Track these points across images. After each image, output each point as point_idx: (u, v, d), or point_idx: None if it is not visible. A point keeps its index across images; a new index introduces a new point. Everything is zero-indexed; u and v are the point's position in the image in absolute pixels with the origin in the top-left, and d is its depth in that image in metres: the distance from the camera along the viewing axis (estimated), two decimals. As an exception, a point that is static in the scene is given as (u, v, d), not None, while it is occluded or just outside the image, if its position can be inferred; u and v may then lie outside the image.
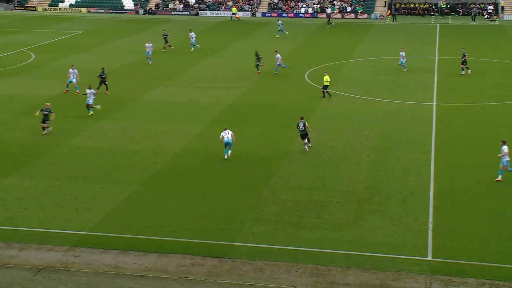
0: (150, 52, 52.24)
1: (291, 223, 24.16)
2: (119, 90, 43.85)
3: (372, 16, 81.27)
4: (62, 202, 25.95)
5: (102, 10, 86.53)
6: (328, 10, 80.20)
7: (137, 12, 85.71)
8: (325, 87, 41.32)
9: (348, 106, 39.89)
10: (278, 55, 48.25)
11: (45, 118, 34.48)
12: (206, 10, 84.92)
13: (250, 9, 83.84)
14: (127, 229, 23.55)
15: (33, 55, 56.56)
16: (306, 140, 31.60)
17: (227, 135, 30.63)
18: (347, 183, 27.87)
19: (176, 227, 23.71)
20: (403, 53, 49.14)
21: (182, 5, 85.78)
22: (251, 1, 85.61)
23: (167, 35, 57.91)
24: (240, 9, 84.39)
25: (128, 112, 38.67)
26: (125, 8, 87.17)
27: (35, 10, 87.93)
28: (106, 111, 38.63)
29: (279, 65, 47.97)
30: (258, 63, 48.25)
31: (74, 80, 43.15)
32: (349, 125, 36.01)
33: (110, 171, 29.25)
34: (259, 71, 48.31)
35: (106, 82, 42.59)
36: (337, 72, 49.14)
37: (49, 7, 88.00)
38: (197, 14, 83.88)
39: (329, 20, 75.33)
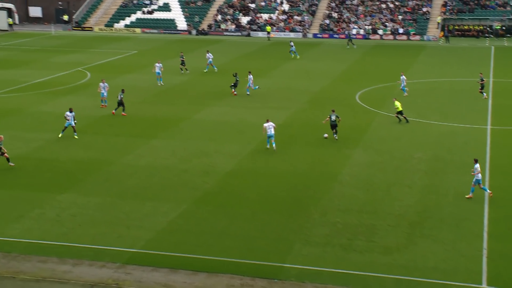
0: (160, 73, 52.60)
1: (341, 245, 23.97)
2: (171, 110, 44.48)
3: (425, 37, 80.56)
4: (114, 219, 26.38)
5: (156, 31, 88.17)
6: (353, 31, 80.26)
7: (189, 33, 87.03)
8: (400, 113, 40.26)
9: (399, 128, 39.51)
10: (250, 76, 48.82)
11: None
12: (258, 31, 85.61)
13: (301, 30, 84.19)
14: (177, 248, 23.76)
15: (88, 74, 57.92)
16: (335, 130, 36.16)
17: (270, 128, 33.97)
18: (398, 206, 27.53)
19: (225, 247, 23.80)
20: (404, 77, 48.41)
21: (234, 26, 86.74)
22: (302, 22, 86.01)
23: (183, 58, 58.12)
24: (292, 30, 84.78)
25: (179, 131, 39.16)
26: (178, 28, 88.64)
27: (91, 30, 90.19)
28: (157, 130, 39.21)
29: (249, 86, 48.43)
30: (234, 83, 48.55)
31: (105, 93, 44.52)
32: (401, 147, 35.64)
33: (161, 189, 29.60)
34: (235, 92, 48.49)
35: (123, 104, 42.43)
36: (389, 94, 48.78)
37: (105, 28, 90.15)
38: (248, 35, 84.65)
39: (350, 41, 74.80)
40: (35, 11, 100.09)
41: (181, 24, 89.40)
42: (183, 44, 77.71)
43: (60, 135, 37.78)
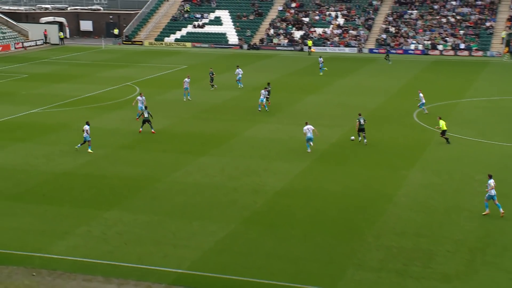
0: (188, 88, 53.07)
1: (396, 271, 23.55)
2: (221, 126, 44.78)
3: (488, 53, 79.14)
4: (160, 238, 26.57)
5: (206, 45, 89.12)
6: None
7: (241, 47, 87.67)
8: (443, 132, 39.80)
9: (460, 149, 38.79)
10: (239, 69, 55.71)
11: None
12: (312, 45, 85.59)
13: (356, 45, 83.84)
14: (225, 269, 23.74)
15: (137, 89, 58.83)
16: (364, 135, 39.10)
17: (310, 131, 37.52)
18: (458, 231, 26.94)
19: (274, 269, 23.67)
20: (421, 94, 47.56)
21: (286, 40, 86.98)
22: (357, 37, 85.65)
23: (213, 74, 58.23)
24: (347, 45, 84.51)
25: (228, 148, 39.34)
26: (229, 42, 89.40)
27: (141, 44, 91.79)
28: (206, 147, 39.50)
29: (238, 79, 54.16)
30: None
31: (142, 107, 45.63)
32: (461, 169, 34.95)
33: (209, 208, 29.72)
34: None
35: (150, 122, 42.75)
36: (449, 112, 48.02)
37: (155, 42, 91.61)
38: (301, 50, 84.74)
39: (388, 56, 74.46)
40: (86, 25, 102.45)
41: (233, 38, 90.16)
42: (234, 59, 78.30)
43: (77, 147, 38.75)
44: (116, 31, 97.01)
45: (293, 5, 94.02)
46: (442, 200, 30.41)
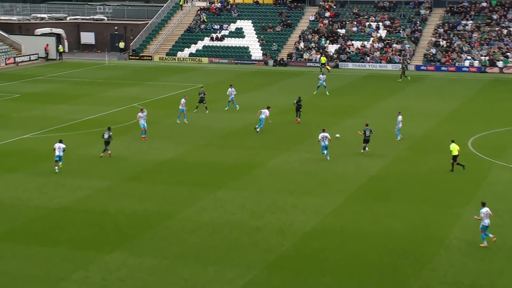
0: (184, 109, 53.99)
1: (447, 328, 23.31)
2: (242, 155, 44.89)
3: (556, 70, 78.70)
4: (170, 286, 26.57)
5: (226, 61, 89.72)
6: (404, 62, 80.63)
7: (266, 63, 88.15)
8: (454, 158, 40.28)
9: (523, 183, 38.49)
10: (232, 89, 58.84)
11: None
12: (347, 61, 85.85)
13: (401, 61, 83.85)
14: (245, 323, 23.67)
15: (146, 110, 59.29)
16: (366, 144, 43.78)
17: (325, 140, 42.72)
18: (521, 281, 26.63)
19: (303, 324, 23.54)
20: (400, 117, 48.26)
21: (319, 56, 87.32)
22: (402, 52, 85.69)
23: (204, 94, 58.29)
24: (389, 61, 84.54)
25: (250, 180, 39.39)
26: (253, 58, 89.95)
27: (151, 59, 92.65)
28: (225, 179, 39.58)
29: (231, 100, 57.87)
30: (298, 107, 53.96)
31: (145, 124, 48.19)
32: (525, 206, 34.63)
33: (227, 250, 29.71)
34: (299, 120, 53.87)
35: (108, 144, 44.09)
36: (509, 140, 47.67)
37: (167, 57, 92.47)
38: (336, 66, 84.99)
39: (403, 73, 74.98)
40: (88, 38, 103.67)
41: (256, 52, 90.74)
42: (258, 76, 78.67)
43: (56, 170, 41.11)
44: (121, 45, 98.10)
45: (327, 14, 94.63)
46: (503, 244, 30.09)
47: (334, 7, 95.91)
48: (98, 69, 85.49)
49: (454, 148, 40.34)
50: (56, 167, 41.22)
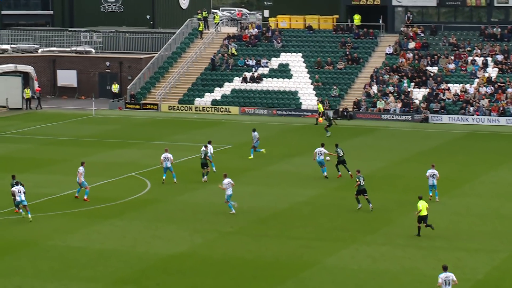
0: (172, 167, 58.42)
1: None
2: (286, 248, 44.65)
3: None
4: None
5: (265, 111, 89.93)
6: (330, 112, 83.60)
7: (322, 114, 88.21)
8: (423, 219, 45.55)
9: None
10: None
11: None
12: (441, 113, 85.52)
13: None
14: None
15: (148, 183, 59.54)
16: (367, 196, 50.57)
17: (320, 154, 58.08)
18: None
19: None
20: (433, 170, 53.18)
21: (399, 104, 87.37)
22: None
23: (208, 154, 60.29)
24: (502, 113, 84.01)
25: (299, 286, 39.18)
26: (303, 107, 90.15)
27: (156, 109, 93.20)
28: (262, 282, 39.32)
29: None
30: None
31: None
32: None
33: None
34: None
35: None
36: None
37: (179, 105, 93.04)
38: (425, 120, 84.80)
39: (328, 124, 78.15)
40: (67, 78, 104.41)
41: (309, 100, 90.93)
42: (309, 134, 78.59)
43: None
44: (115, 88, 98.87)
45: (412, 45, 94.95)
46: None
47: (422, 34, 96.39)
48: (81, 123, 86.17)
49: (423, 206, 45.30)
50: (22, 212, 43.97)
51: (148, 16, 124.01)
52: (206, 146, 60.68)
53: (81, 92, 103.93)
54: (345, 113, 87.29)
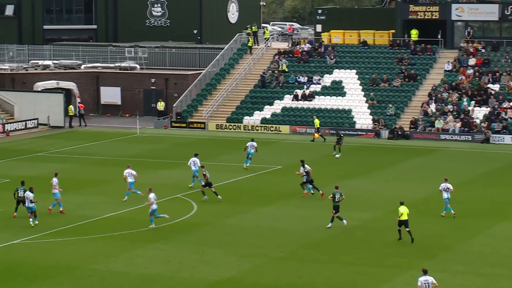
0: (133, 185, 60.43)
1: None
2: (338, 275, 44.53)
3: None
4: None
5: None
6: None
7: (377, 135, 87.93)
8: (402, 223, 49.63)
9: None
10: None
11: None
12: (504, 133, 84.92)
13: None
14: None
15: (194, 205, 59.73)
16: (338, 214, 52.30)
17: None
18: None
19: None
20: (447, 184, 55.54)
21: (459, 124, 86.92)
22: None
23: (206, 173, 60.42)
24: None
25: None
26: (357, 127, 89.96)
27: (203, 128, 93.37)
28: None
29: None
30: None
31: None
32: None
33: None
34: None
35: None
36: None
37: (227, 124, 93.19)
38: (486, 140, 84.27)
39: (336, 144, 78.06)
40: (111, 95, 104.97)
41: (363, 118, 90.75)
42: (364, 155, 78.48)
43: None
44: (160, 106, 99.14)
45: (472, 61, 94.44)
46: None
47: (483, 50, 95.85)
48: (125, 142, 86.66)
49: (405, 212, 49.33)
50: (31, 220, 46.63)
51: (195, 31, 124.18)
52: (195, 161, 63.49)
53: (125, 110, 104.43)
54: (402, 133, 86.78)
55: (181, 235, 51.94)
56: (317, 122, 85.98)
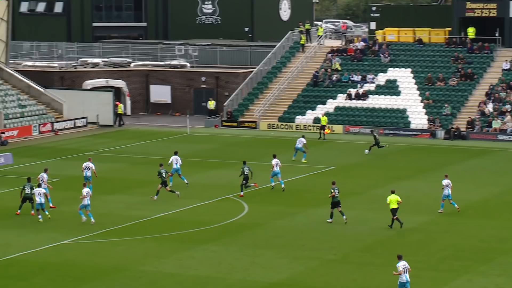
0: (90, 175, 62.30)
1: None
2: (395, 278, 44.35)
3: None
4: None
5: (370, 130, 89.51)
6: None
7: (433, 135, 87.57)
8: (392, 211, 52.14)
9: None
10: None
11: None
12: None
13: None
14: None
15: (246, 206, 59.86)
16: (340, 209, 53.75)
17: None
18: None
19: None
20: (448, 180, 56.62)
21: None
22: None
23: (166, 173, 61.42)
24: None
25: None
26: (412, 127, 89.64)
27: (255, 128, 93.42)
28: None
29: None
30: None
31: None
32: None
33: None
34: None
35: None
36: None
37: (279, 123, 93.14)
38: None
39: (374, 144, 78.12)
40: (161, 93, 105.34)
41: (418, 118, 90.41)
42: (419, 156, 78.24)
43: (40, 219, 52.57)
44: (211, 104, 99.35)
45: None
46: None
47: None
48: (175, 142, 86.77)
49: (393, 200, 52.18)
50: (40, 217, 50.67)
51: (246, 29, 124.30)
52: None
53: (175, 109, 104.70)
54: (458, 133, 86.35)
55: (232, 236, 52.06)
56: (324, 119, 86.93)
